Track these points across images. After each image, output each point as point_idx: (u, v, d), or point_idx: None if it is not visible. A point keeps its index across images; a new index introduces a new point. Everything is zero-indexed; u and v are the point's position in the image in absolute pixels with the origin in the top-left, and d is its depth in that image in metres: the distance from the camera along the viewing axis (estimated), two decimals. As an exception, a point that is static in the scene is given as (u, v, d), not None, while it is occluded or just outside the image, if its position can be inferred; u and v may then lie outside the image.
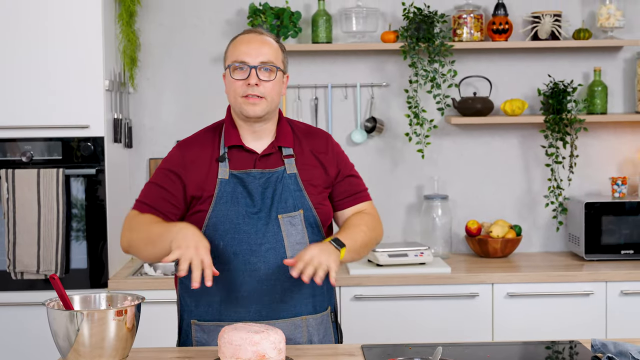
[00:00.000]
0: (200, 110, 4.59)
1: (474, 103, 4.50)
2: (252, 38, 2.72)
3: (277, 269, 2.67)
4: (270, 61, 2.69)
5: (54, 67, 3.95)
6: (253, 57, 2.68)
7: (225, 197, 2.68)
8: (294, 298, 2.70)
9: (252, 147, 2.74)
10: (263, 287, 2.67)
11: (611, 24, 4.49)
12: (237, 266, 2.68)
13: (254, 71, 2.66)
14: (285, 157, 2.74)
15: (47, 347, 3.71)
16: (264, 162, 2.73)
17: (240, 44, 2.72)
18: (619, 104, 4.67)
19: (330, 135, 2.88)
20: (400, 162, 4.64)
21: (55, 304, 2.41)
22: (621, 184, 4.46)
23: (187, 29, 4.60)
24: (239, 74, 2.69)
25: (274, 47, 2.72)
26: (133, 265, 4.37)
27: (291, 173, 2.72)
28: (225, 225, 2.67)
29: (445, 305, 4.08)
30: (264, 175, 2.70)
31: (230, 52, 2.73)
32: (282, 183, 2.70)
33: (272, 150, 2.74)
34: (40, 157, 3.98)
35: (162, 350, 2.64)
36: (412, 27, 4.43)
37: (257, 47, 2.69)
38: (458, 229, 4.65)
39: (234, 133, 2.75)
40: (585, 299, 4.12)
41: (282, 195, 2.69)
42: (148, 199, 2.72)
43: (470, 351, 2.66)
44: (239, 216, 2.67)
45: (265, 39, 2.72)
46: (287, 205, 2.69)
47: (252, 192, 2.69)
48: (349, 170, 2.85)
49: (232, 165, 2.72)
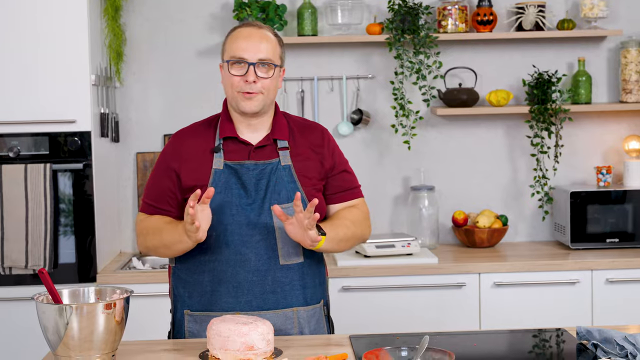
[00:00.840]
0: (186, 104, 4.60)
1: (459, 94, 4.52)
2: (251, 33, 2.72)
3: (268, 260, 2.70)
4: (268, 58, 2.69)
5: (40, 63, 3.95)
6: (252, 54, 2.68)
7: (219, 188, 2.69)
8: (285, 290, 2.72)
9: (247, 139, 2.75)
10: (254, 278, 2.70)
11: (595, 14, 4.51)
12: (229, 256, 2.70)
13: (252, 68, 2.67)
14: (280, 149, 2.75)
15: (36, 342, 3.71)
16: (259, 153, 2.74)
17: (239, 38, 2.71)
18: (603, 93, 4.70)
19: (325, 129, 2.89)
20: (386, 154, 4.66)
21: (44, 298, 2.42)
22: (606, 173, 4.50)
23: (173, 23, 4.60)
24: (236, 70, 2.70)
25: (273, 43, 2.73)
26: (121, 260, 4.38)
27: (285, 165, 2.73)
28: (217, 216, 2.68)
29: (433, 295, 4.11)
30: (257, 166, 2.72)
31: (228, 46, 2.73)
32: (276, 175, 2.72)
33: (267, 142, 2.75)
34: (27, 152, 3.98)
35: (152, 343, 2.65)
36: (397, 19, 4.45)
37: (255, 43, 2.69)
38: (445, 220, 4.67)
39: (229, 125, 2.76)
40: (571, 287, 4.15)
41: (276, 187, 2.71)
42: (151, 199, 2.80)
43: (457, 340, 2.68)
44: (232, 207, 2.69)
45: (264, 34, 2.72)
46: (281, 197, 2.70)
47: (245, 183, 2.70)
48: (343, 165, 2.87)
49: (226, 156, 2.73)
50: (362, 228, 2.83)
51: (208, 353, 2.48)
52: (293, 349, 2.54)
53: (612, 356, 2.38)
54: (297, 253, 2.73)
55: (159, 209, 2.78)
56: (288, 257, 2.72)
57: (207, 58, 4.59)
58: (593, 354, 2.44)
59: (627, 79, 4.55)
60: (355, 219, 2.81)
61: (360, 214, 2.84)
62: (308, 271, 2.77)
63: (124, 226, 4.61)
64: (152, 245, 2.76)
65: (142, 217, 2.81)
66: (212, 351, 2.44)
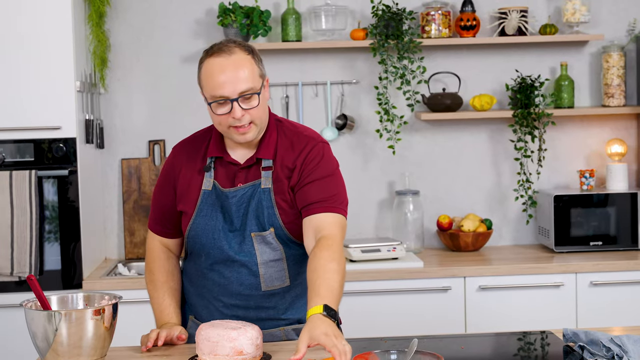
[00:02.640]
0: (170, 110, 4.60)
1: (443, 99, 4.54)
2: (225, 64, 2.55)
3: (249, 286, 2.68)
4: (249, 89, 2.55)
5: (25, 69, 3.94)
6: (231, 89, 2.54)
7: (205, 211, 2.68)
8: (270, 313, 2.71)
9: (236, 158, 2.68)
10: (237, 301, 2.70)
11: (577, 19, 4.55)
12: (214, 279, 2.71)
13: (236, 104, 2.55)
14: (264, 169, 2.66)
15: (21, 349, 3.71)
16: (245, 173, 2.67)
17: (214, 75, 2.55)
18: (585, 97, 4.74)
19: (317, 142, 2.69)
20: (371, 159, 4.68)
21: (32, 304, 2.42)
22: (589, 176, 4.53)
23: (157, 29, 4.60)
24: (221, 109, 2.57)
25: (249, 66, 2.57)
26: (107, 266, 4.37)
27: (265, 188, 2.64)
28: (202, 239, 2.69)
29: (418, 299, 4.13)
30: (237, 192, 2.65)
31: (205, 84, 2.58)
32: (256, 199, 2.64)
33: (252, 162, 2.67)
34: (12, 159, 3.98)
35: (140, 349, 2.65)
36: (381, 24, 4.47)
37: (232, 76, 2.54)
38: (429, 224, 4.69)
39: (219, 145, 2.70)
40: (555, 290, 4.18)
41: (255, 213, 2.65)
42: (155, 220, 2.84)
43: (444, 343, 2.70)
44: (215, 231, 2.67)
45: (237, 61, 2.56)
46: (259, 223, 2.65)
47: (228, 210, 2.66)
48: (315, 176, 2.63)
49: (215, 175, 2.69)
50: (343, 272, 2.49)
51: (197, 358, 2.48)
52: (282, 353, 2.54)
53: (599, 358, 2.40)
54: (282, 278, 2.68)
55: (162, 231, 2.83)
56: (271, 283, 2.68)
57: (191, 64, 4.59)
58: (580, 356, 2.46)
59: (609, 83, 4.58)
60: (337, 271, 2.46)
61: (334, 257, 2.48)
62: (298, 292, 2.73)
63: (109, 232, 4.60)
64: (148, 288, 2.86)
65: (150, 243, 2.87)
66: (202, 356, 2.45)
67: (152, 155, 4.57)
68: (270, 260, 2.66)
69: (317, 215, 2.58)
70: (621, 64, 4.58)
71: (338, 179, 2.68)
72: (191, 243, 2.73)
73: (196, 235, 2.69)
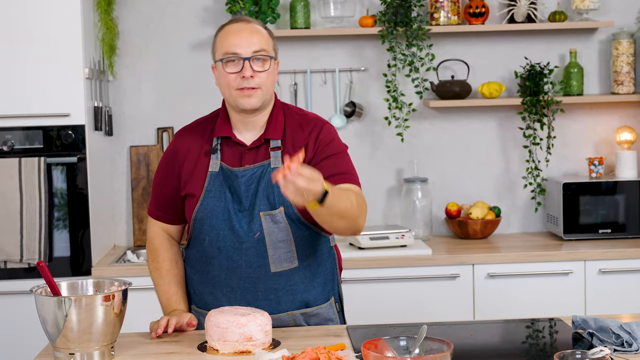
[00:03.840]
0: (179, 97, 4.61)
1: (452, 86, 4.53)
2: (241, 27, 2.64)
3: (258, 268, 2.67)
4: (263, 49, 2.62)
5: (34, 56, 3.94)
6: (245, 48, 2.60)
7: (213, 192, 2.68)
8: (279, 295, 2.70)
9: (242, 139, 2.70)
10: (246, 284, 2.68)
11: (586, 6, 4.53)
12: (221, 262, 2.70)
13: (247, 63, 2.60)
14: (272, 149, 2.67)
15: (31, 335, 3.72)
16: (253, 154, 2.68)
17: (229, 34, 2.64)
18: (594, 85, 4.72)
19: (325, 123, 2.74)
20: (379, 146, 4.67)
21: (43, 290, 2.43)
22: (598, 164, 4.52)
23: (165, 16, 4.60)
24: (231, 67, 2.62)
25: (265, 35, 2.65)
26: (116, 253, 4.38)
27: (275, 167, 2.65)
28: (211, 221, 2.68)
29: (427, 287, 4.13)
30: (247, 172, 2.66)
31: (219, 44, 2.65)
32: (265, 179, 2.65)
33: (260, 142, 2.68)
34: (21, 146, 3.98)
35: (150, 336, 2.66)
36: (390, 11, 4.45)
37: (247, 37, 2.61)
38: (438, 211, 4.69)
39: (226, 125, 2.71)
40: (564, 278, 4.18)
41: (265, 192, 2.65)
42: (155, 206, 2.85)
43: (453, 330, 2.70)
44: (224, 212, 2.67)
45: (254, 27, 2.65)
46: (269, 202, 2.65)
47: (237, 190, 2.66)
48: (330, 152, 2.68)
49: (222, 157, 2.69)
50: (359, 212, 2.56)
51: (207, 344, 2.49)
52: (291, 339, 2.55)
53: (608, 345, 2.40)
54: (290, 259, 2.68)
55: (163, 217, 2.83)
56: (279, 264, 2.67)
57: (200, 51, 4.59)
58: (589, 343, 2.46)
59: (619, 70, 4.57)
60: (355, 201, 2.54)
61: (359, 198, 2.58)
62: (307, 274, 2.72)
63: (117, 219, 4.61)
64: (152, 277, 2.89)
65: (152, 230, 2.87)
66: (211, 342, 2.46)
67: (160, 142, 4.58)
68: (278, 240, 2.65)
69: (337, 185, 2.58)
70: (631, 51, 4.56)
71: (349, 158, 2.73)
72: (198, 226, 2.71)
73: (204, 217, 2.68)
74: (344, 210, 2.49)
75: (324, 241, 2.77)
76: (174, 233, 2.87)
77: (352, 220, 2.54)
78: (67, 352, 2.37)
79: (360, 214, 2.57)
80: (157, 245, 2.85)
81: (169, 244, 2.85)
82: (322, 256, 2.77)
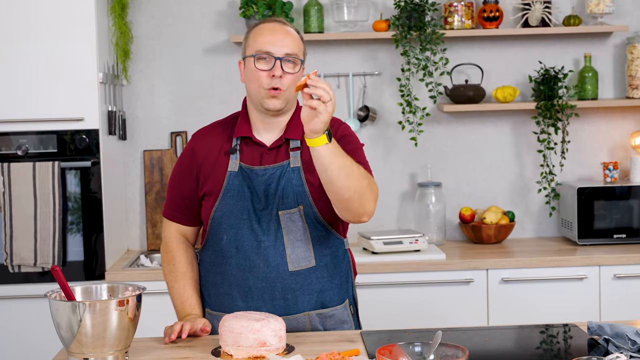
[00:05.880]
0: (193, 102, 4.61)
1: (465, 90, 4.52)
2: (276, 28, 2.67)
3: (276, 267, 2.67)
4: (294, 53, 2.65)
5: (48, 61, 3.96)
6: (278, 48, 2.63)
7: (232, 191, 2.68)
8: (296, 295, 2.69)
9: (262, 140, 2.71)
10: (263, 284, 2.68)
11: (601, 10, 4.51)
12: (239, 262, 2.69)
13: (278, 63, 2.62)
14: (292, 149, 2.69)
15: (45, 339, 3.74)
16: (272, 154, 2.70)
17: (263, 33, 2.66)
18: (609, 89, 4.70)
19: (339, 121, 2.77)
20: (393, 151, 4.67)
21: (57, 295, 2.42)
22: (612, 168, 4.50)
23: (179, 20, 4.61)
24: (263, 64, 2.64)
25: (297, 39, 2.69)
26: (129, 257, 4.38)
27: (295, 167, 2.67)
28: (229, 220, 2.69)
29: (441, 292, 4.12)
30: (267, 171, 2.67)
31: (252, 41, 2.68)
32: (285, 178, 2.67)
33: (280, 142, 2.70)
34: (35, 150, 3.99)
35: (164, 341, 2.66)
36: (404, 15, 4.45)
37: (281, 38, 2.65)
38: (452, 216, 4.68)
39: (246, 125, 2.73)
40: (578, 283, 4.16)
41: (284, 191, 2.66)
42: (171, 207, 2.84)
43: (467, 336, 2.69)
44: (243, 212, 2.67)
45: (288, 30, 2.68)
46: (288, 201, 2.66)
47: (256, 189, 2.67)
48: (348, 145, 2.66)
49: (241, 157, 2.71)
50: (369, 186, 2.54)
51: (220, 349, 2.49)
52: (305, 345, 2.54)
53: (624, 351, 2.39)
54: (308, 258, 2.69)
55: (180, 218, 2.83)
56: (297, 263, 2.68)
57: (213, 55, 4.59)
58: (605, 349, 2.45)
59: (634, 74, 4.55)
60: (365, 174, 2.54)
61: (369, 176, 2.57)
62: (323, 274, 2.73)
63: (131, 224, 4.61)
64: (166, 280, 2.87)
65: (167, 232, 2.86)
66: (225, 347, 2.45)
67: (174, 146, 4.58)
68: (296, 240, 2.66)
69: None
70: (646, 56, 4.55)
71: (365, 155, 2.75)
72: (216, 224, 2.71)
73: (223, 216, 2.69)
74: (351, 172, 2.48)
75: (339, 243, 2.78)
76: (189, 235, 2.87)
77: (358, 194, 2.51)
78: (81, 356, 2.37)
79: (369, 193, 2.54)
80: (173, 247, 2.84)
81: (185, 247, 2.85)
82: (338, 258, 2.78)
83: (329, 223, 2.71)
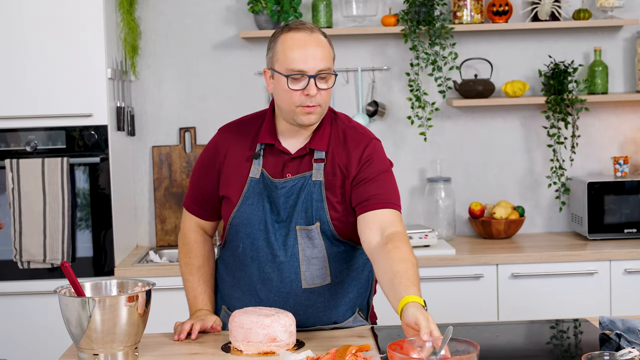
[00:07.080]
0: (201, 98, 4.60)
1: (475, 85, 4.50)
2: (307, 39, 2.50)
3: (289, 283, 2.62)
4: (327, 68, 2.51)
5: (56, 57, 3.95)
6: (311, 65, 2.48)
7: (251, 200, 2.61)
8: (308, 312, 2.66)
9: (287, 146, 2.62)
10: (276, 297, 2.64)
11: (611, 4, 4.49)
12: (253, 272, 2.65)
13: (312, 81, 2.48)
14: (316, 160, 2.60)
15: (54, 335, 3.73)
16: (296, 164, 2.61)
17: (294, 48, 2.50)
18: (619, 83, 4.68)
19: (375, 142, 2.65)
20: (402, 146, 4.65)
21: (66, 291, 2.42)
22: (623, 163, 4.48)
23: (187, 16, 4.60)
24: (296, 84, 2.50)
25: (327, 48, 2.54)
26: (138, 253, 4.38)
27: (317, 180, 2.59)
28: (247, 229, 2.63)
29: (450, 287, 4.10)
30: (287, 183, 2.59)
31: (282, 55, 2.51)
32: (305, 191, 2.59)
33: (304, 152, 2.61)
34: (44, 146, 3.99)
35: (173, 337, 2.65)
36: (413, 10, 4.43)
37: (313, 53, 2.49)
38: (461, 211, 4.66)
39: (271, 131, 2.63)
40: (589, 278, 4.14)
41: (303, 205, 2.59)
42: (192, 200, 2.79)
43: (478, 331, 2.68)
44: (261, 222, 2.61)
45: (319, 39, 2.53)
46: (306, 216, 2.59)
47: (275, 201, 2.60)
48: (370, 175, 2.59)
49: (264, 163, 2.62)
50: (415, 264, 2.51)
51: (230, 345, 2.48)
52: (315, 340, 2.54)
53: (636, 346, 2.37)
54: (323, 276, 2.63)
55: (199, 212, 2.79)
56: (312, 281, 2.62)
57: (221, 51, 4.59)
58: (616, 344, 2.43)
59: (644, 68, 4.53)
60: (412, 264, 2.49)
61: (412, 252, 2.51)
62: (339, 290, 2.68)
63: (140, 220, 4.61)
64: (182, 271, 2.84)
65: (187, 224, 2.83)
66: (235, 343, 2.45)
67: (182, 142, 4.58)
68: (312, 257, 2.60)
69: (382, 210, 2.54)
70: (656, 49, 4.53)
71: (392, 177, 2.65)
72: (233, 231, 2.66)
73: (240, 224, 2.63)
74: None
75: (360, 253, 2.70)
76: (208, 229, 2.82)
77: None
78: (91, 352, 2.36)
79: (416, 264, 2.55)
80: (191, 240, 2.81)
81: (203, 240, 2.81)
82: (357, 270, 2.71)
83: (347, 239, 2.65)
